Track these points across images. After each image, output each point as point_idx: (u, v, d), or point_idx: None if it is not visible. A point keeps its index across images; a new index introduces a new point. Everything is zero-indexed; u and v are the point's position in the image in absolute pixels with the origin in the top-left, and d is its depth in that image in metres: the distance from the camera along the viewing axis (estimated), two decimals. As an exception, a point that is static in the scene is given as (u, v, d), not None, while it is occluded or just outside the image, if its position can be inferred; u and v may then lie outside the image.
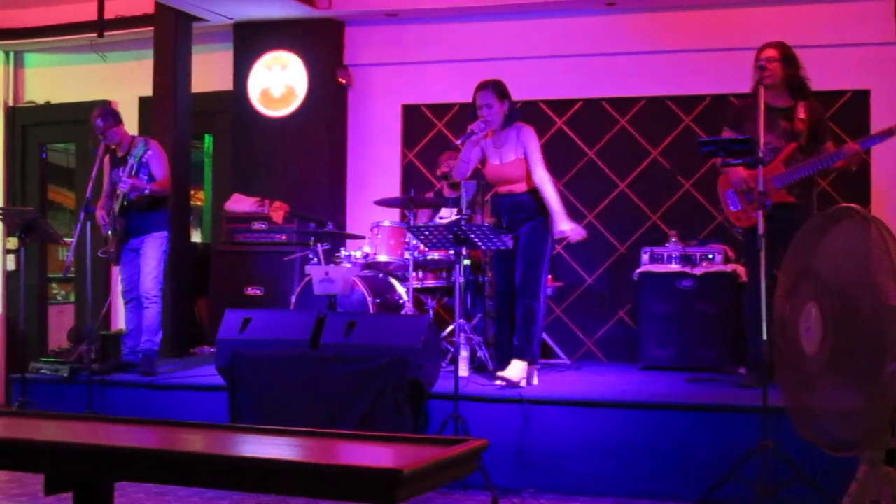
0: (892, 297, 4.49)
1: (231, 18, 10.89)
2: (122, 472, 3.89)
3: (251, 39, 11.07)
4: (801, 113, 7.52)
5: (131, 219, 8.73)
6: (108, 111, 8.95)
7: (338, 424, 7.11)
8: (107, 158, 8.99)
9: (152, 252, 8.77)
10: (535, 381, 7.88)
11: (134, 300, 8.89)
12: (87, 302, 8.32)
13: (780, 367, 5.30)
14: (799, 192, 7.48)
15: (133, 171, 8.56)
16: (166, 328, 9.34)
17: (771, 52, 7.54)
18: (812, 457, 5.92)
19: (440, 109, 10.86)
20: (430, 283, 9.11)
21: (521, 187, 7.87)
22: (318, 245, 9.04)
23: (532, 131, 7.99)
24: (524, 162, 7.86)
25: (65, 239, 9.89)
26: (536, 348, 7.87)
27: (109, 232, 8.71)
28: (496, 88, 7.90)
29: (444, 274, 9.13)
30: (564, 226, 7.75)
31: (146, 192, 8.58)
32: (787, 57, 7.55)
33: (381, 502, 3.19)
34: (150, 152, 8.64)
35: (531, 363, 7.84)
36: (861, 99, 9.55)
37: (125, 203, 8.62)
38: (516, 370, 7.71)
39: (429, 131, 10.89)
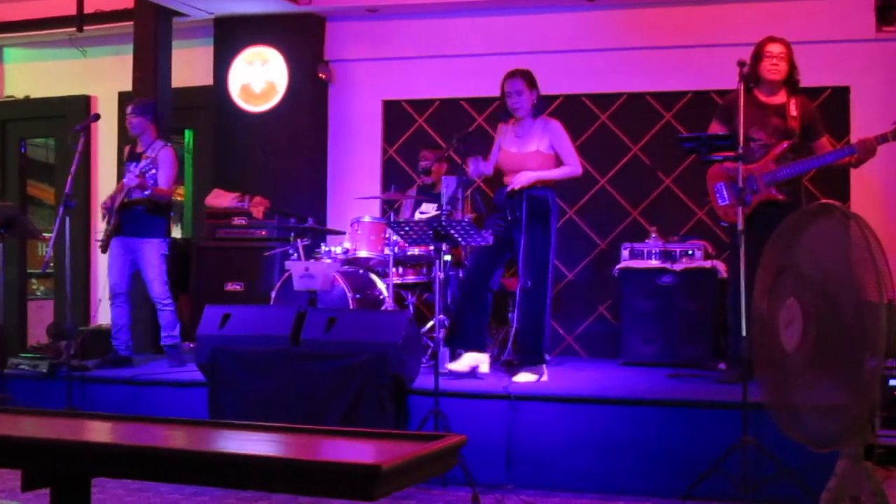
0: (872, 294, 4.50)
1: (211, 13, 10.87)
2: (100, 468, 3.87)
3: (231, 34, 11.05)
4: (794, 110, 7.50)
5: (131, 218, 8.77)
6: (143, 102, 9.10)
7: (319, 420, 7.09)
8: (126, 149, 9.18)
9: (154, 258, 8.88)
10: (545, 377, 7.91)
11: (121, 296, 8.92)
12: (66, 297, 8.28)
13: (760, 363, 5.31)
14: (788, 191, 7.46)
15: (142, 171, 8.59)
16: (147, 324, 9.35)
17: (781, 49, 7.53)
18: (793, 452, 5.91)
19: (421, 105, 10.86)
20: (411, 278, 9.11)
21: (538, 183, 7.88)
22: (299, 241, 9.03)
23: (560, 125, 8.02)
24: (545, 156, 7.89)
25: (44, 234, 9.86)
26: (543, 350, 7.94)
27: (104, 221, 8.80)
28: (526, 76, 7.97)
29: (425, 270, 9.13)
30: (520, 178, 7.81)
31: (146, 193, 8.63)
32: (791, 55, 7.56)
33: (359, 498, 3.19)
34: (162, 158, 8.68)
35: (540, 364, 7.91)
36: (841, 95, 9.58)
37: (126, 200, 8.67)
38: (525, 379, 7.79)
39: (409, 127, 10.89)
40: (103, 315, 10.67)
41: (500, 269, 8.09)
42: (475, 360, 7.92)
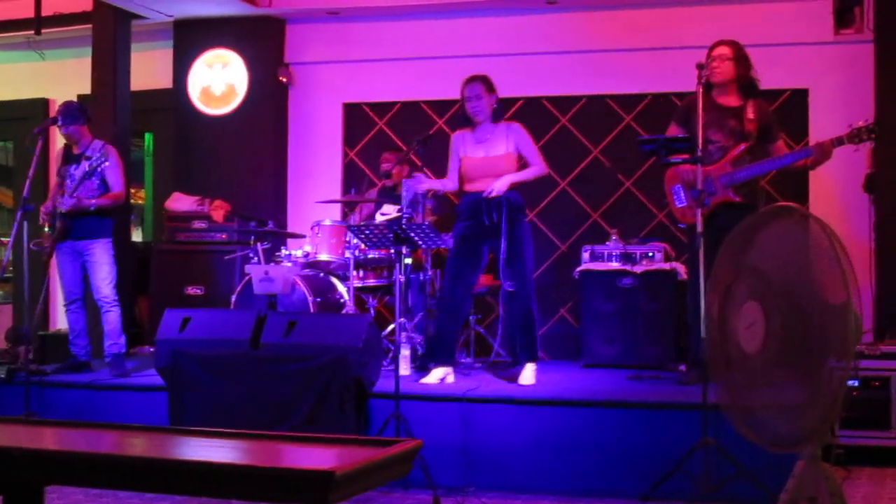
0: (832, 297, 4.51)
1: (171, 16, 10.83)
2: (56, 476, 3.84)
3: (191, 37, 11.02)
4: (751, 113, 7.52)
5: (78, 221, 8.63)
6: (70, 106, 8.86)
7: (280, 424, 7.07)
8: (59, 151, 8.99)
9: (103, 258, 8.71)
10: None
11: (77, 302, 8.82)
12: (24, 302, 8.22)
13: (717, 364, 5.30)
14: (745, 193, 7.48)
15: (86, 176, 8.45)
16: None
17: (724, 50, 7.56)
18: (753, 452, 5.94)
19: (381, 108, 10.85)
20: (371, 281, 9.08)
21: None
22: (259, 244, 9.00)
23: (523, 127, 8.07)
24: (513, 158, 7.89)
25: (1, 238, 9.78)
26: (538, 347, 8.09)
27: (46, 227, 8.64)
28: (485, 81, 7.96)
29: (385, 272, 9.10)
30: (499, 185, 7.78)
31: (91, 208, 8.52)
32: (740, 56, 7.56)
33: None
34: (107, 163, 8.53)
35: (536, 361, 8.01)
36: (799, 98, 9.63)
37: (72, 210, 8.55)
38: (531, 374, 7.88)
39: (370, 130, 10.88)
40: (62, 319, 10.61)
41: (476, 276, 8.11)
42: (443, 373, 7.93)
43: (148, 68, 11.10)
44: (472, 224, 7.87)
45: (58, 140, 11.42)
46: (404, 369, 8.01)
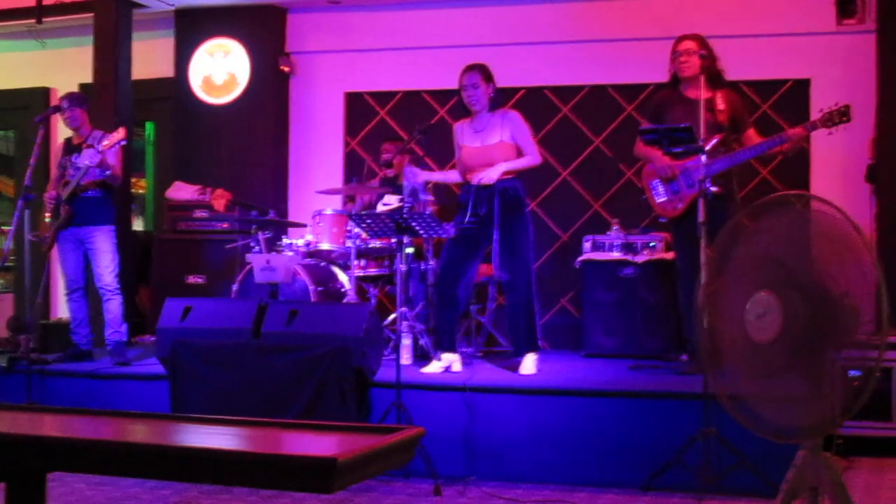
0: (843, 286, 4.50)
1: (172, 5, 10.83)
2: (58, 463, 3.84)
3: (193, 26, 11.01)
4: (720, 104, 7.56)
5: (80, 208, 8.63)
6: (75, 95, 8.91)
7: (281, 413, 7.07)
8: (60, 144, 9.00)
9: (106, 245, 8.70)
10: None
11: (78, 291, 8.82)
12: (26, 291, 8.23)
13: (714, 356, 5.26)
14: (722, 183, 7.49)
15: (103, 148, 8.45)
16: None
17: (689, 45, 7.60)
18: (754, 442, 5.93)
19: (383, 97, 10.85)
20: (373, 271, 9.08)
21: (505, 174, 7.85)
22: (260, 233, 9.00)
23: (520, 115, 8.03)
24: (509, 147, 7.86)
25: (2, 227, 9.77)
26: (539, 337, 8.09)
27: (47, 217, 8.63)
28: (483, 71, 7.94)
29: (387, 262, 9.10)
30: (491, 173, 7.76)
31: (107, 173, 8.51)
32: (704, 49, 7.59)
33: (317, 491, 3.18)
34: (117, 146, 8.53)
35: (537, 351, 8.00)
36: (801, 88, 9.61)
37: (75, 187, 8.52)
38: (532, 364, 7.88)
39: (371, 119, 10.87)
40: (63, 309, 10.61)
41: (474, 266, 8.05)
42: (447, 361, 7.92)
43: (149, 57, 11.09)
44: (469, 214, 7.86)
45: (59, 129, 11.44)
46: (405, 359, 8.02)
